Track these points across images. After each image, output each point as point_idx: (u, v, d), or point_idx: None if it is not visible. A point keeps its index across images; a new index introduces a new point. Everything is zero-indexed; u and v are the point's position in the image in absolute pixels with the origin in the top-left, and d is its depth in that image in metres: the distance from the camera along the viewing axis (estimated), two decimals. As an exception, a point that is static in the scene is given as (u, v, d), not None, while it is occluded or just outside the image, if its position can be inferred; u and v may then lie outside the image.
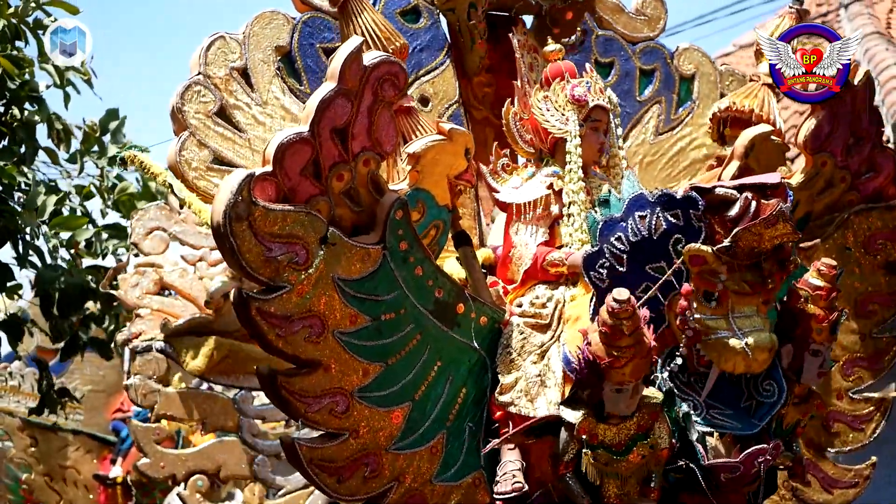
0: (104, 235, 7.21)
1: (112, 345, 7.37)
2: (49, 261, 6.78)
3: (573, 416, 3.48)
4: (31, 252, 6.65)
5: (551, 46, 4.32)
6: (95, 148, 7.15)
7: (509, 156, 4.24)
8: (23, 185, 6.69)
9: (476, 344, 3.72)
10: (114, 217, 7.37)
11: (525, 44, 4.49)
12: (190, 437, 8.80)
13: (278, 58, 4.14)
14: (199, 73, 3.94)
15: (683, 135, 4.99)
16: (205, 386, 6.86)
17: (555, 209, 4.04)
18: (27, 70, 6.50)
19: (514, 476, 3.62)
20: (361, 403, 3.43)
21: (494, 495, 3.64)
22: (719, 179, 4.06)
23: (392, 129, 3.55)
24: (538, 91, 4.22)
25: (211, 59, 3.97)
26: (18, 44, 6.58)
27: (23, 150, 6.49)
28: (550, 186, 4.07)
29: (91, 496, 11.35)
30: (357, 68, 3.41)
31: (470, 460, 3.71)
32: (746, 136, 4.11)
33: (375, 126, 3.48)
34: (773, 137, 4.16)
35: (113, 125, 7.22)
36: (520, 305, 3.90)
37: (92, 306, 7.14)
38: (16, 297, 6.96)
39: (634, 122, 4.93)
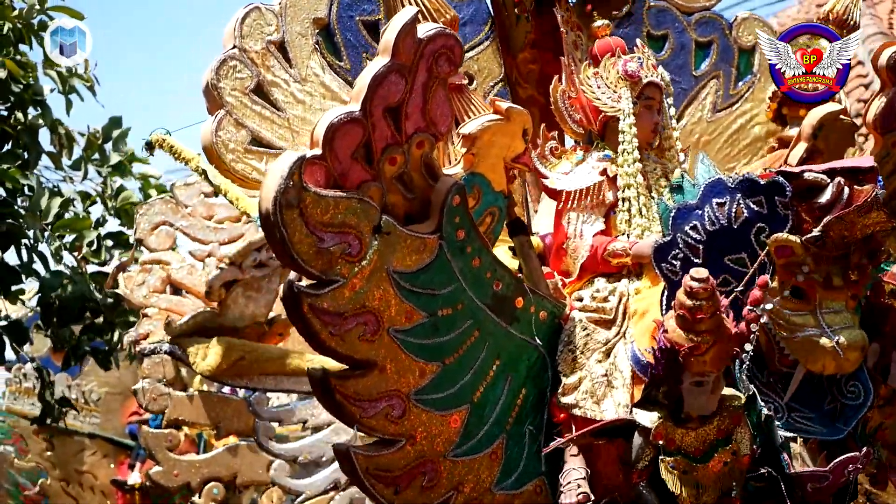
0: (109, 243, 7.05)
1: (112, 356, 7.21)
2: (53, 265, 6.65)
3: (648, 418, 3.18)
4: (34, 258, 6.48)
5: (599, 22, 4.05)
6: (96, 156, 7.01)
7: (556, 138, 3.96)
8: (26, 191, 6.55)
9: (537, 341, 3.42)
10: (113, 224, 7.23)
11: (568, 20, 4.18)
12: (213, 442, 8.43)
13: (316, 31, 3.82)
14: (235, 47, 3.61)
15: (743, 111, 4.67)
16: (227, 389, 6.53)
17: (609, 196, 3.77)
18: (31, 74, 6.40)
19: (578, 486, 3.32)
20: (418, 407, 3.12)
21: (560, 506, 3.35)
22: (785, 162, 3.77)
23: (447, 108, 3.22)
24: (587, 68, 3.95)
25: (246, 32, 3.64)
26: (23, 47, 6.45)
27: (26, 154, 6.37)
28: (604, 172, 3.80)
29: (108, 502, 10.81)
30: (411, 42, 3.08)
31: (531, 467, 3.39)
32: (815, 115, 3.79)
33: (430, 105, 3.14)
34: (842, 117, 3.86)
35: (115, 133, 7.08)
36: (580, 300, 3.61)
37: (93, 317, 6.96)
38: (19, 302, 6.77)
39: (690, 99, 4.62)
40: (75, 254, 6.91)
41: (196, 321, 5.98)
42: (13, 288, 6.47)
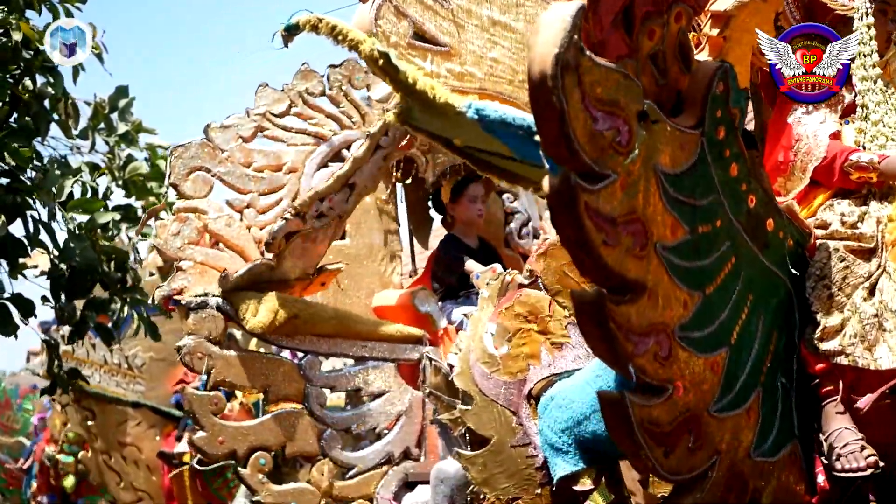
0: (117, 216, 6.50)
1: (117, 331, 6.95)
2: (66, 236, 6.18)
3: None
4: (41, 230, 5.97)
5: None
6: (102, 126, 6.55)
7: None
8: (32, 167, 6.10)
9: (787, 272, 2.72)
10: (118, 197, 6.74)
11: None
12: (271, 410, 7.52)
13: None
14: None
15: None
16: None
17: (847, 97, 3.12)
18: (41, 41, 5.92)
19: (862, 448, 2.62)
20: (682, 347, 2.38)
21: (838, 473, 2.64)
22: None
23: (705, -25, 2.52)
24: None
25: None
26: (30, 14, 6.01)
27: (35, 125, 5.97)
28: None
29: (154, 477, 9.64)
30: None
31: (785, 428, 2.70)
32: None
33: (691, -33, 2.45)
34: None
35: (122, 103, 6.61)
36: (824, 226, 2.91)
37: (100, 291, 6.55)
38: (20, 276, 6.20)
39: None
40: (89, 232, 6.37)
41: (252, 273, 5.24)
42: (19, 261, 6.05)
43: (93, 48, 6.12)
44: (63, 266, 6.18)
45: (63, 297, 6.28)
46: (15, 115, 5.97)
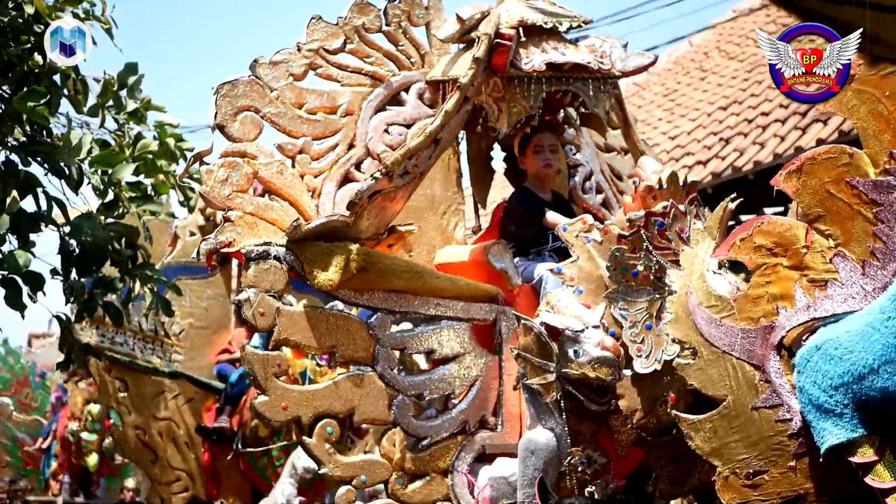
0: (128, 193, 6.52)
1: (126, 310, 6.85)
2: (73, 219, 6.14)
3: None
4: (53, 207, 5.94)
5: None
6: (111, 102, 6.53)
7: None
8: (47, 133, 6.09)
9: None
10: (127, 175, 6.56)
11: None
12: (318, 380, 6.87)
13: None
14: None
15: None
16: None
17: None
18: (52, 15, 5.92)
19: None
20: None
21: None
22: None
23: None
24: None
25: None
26: None
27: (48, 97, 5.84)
28: None
29: (193, 454, 8.85)
30: None
31: None
32: None
33: None
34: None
35: (131, 80, 6.56)
36: None
37: (109, 269, 6.57)
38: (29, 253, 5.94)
39: None
40: (114, 188, 6.35)
41: (326, 227, 4.74)
42: (26, 243, 5.92)
43: (102, 23, 6.23)
44: (73, 243, 6.07)
45: (73, 274, 6.19)
46: (26, 88, 5.82)
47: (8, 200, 5.75)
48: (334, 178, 5.00)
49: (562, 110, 5.60)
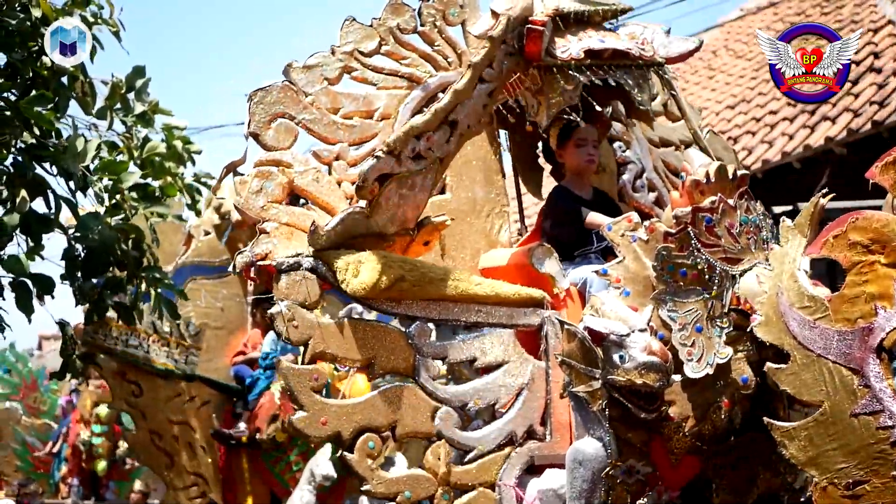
0: (133, 195, 6.53)
1: (135, 311, 6.80)
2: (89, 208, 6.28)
3: None
4: (62, 207, 5.93)
5: None
6: (119, 105, 6.51)
7: None
8: (54, 137, 6.08)
9: None
10: (134, 178, 6.64)
11: None
12: (338, 385, 6.73)
13: None
14: None
15: None
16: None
17: None
18: (59, 17, 5.89)
19: None
20: None
21: None
22: None
23: None
24: None
25: None
26: None
27: (56, 99, 5.88)
28: None
29: (209, 459, 8.63)
30: None
31: None
32: None
33: None
34: None
35: (139, 83, 6.54)
36: None
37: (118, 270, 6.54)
38: (37, 257, 5.94)
39: None
40: (118, 196, 6.40)
41: (345, 225, 4.55)
42: (36, 244, 5.94)
43: (110, 26, 6.23)
44: (79, 246, 6.08)
45: (80, 276, 6.18)
46: (34, 92, 5.79)
47: (17, 201, 5.73)
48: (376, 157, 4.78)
49: (608, 105, 5.37)
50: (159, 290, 6.56)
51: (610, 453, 4.29)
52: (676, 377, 4.24)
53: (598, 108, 5.18)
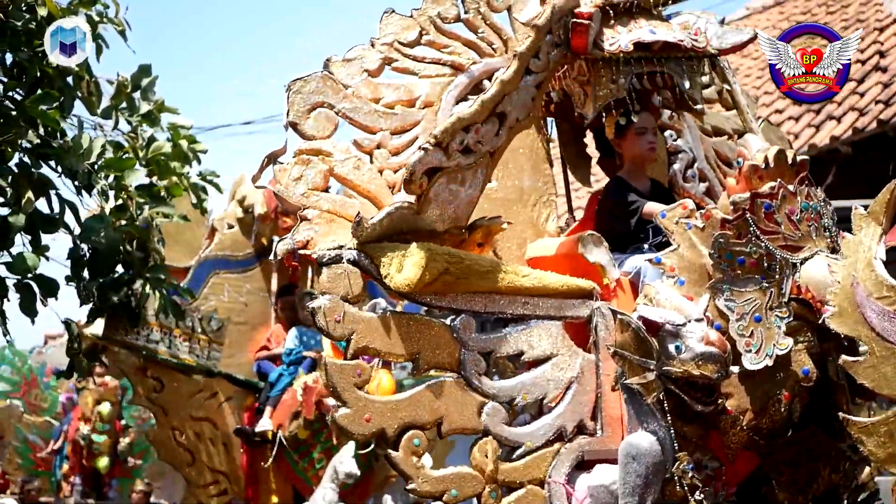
0: (138, 199, 6.47)
1: (140, 311, 6.80)
2: (94, 209, 6.29)
3: None
4: (66, 209, 5.90)
5: None
6: (124, 105, 6.52)
7: None
8: (59, 136, 6.04)
9: None
10: (141, 177, 6.63)
11: None
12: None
13: None
14: None
15: None
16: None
17: None
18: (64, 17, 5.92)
19: None
20: None
21: None
22: None
23: None
24: None
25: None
26: None
27: (62, 98, 5.87)
28: None
29: (231, 456, 8.39)
30: None
31: None
32: None
33: None
34: None
35: (145, 82, 6.54)
36: None
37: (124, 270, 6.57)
38: (42, 257, 5.85)
39: None
40: (123, 193, 6.35)
41: (392, 219, 4.37)
42: (39, 244, 5.86)
43: (116, 25, 6.22)
44: (84, 246, 6.07)
45: (85, 276, 6.18)
46: (39, 91, 5.77)
47: (23, 201, 5.66)
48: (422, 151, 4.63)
49: (656, 94, 5.20)
50: (164, 290, 6.50)
51: (666, 448, 4.14)
52: (734, 369, 4.10)
53: (651, 96, 5.03)
